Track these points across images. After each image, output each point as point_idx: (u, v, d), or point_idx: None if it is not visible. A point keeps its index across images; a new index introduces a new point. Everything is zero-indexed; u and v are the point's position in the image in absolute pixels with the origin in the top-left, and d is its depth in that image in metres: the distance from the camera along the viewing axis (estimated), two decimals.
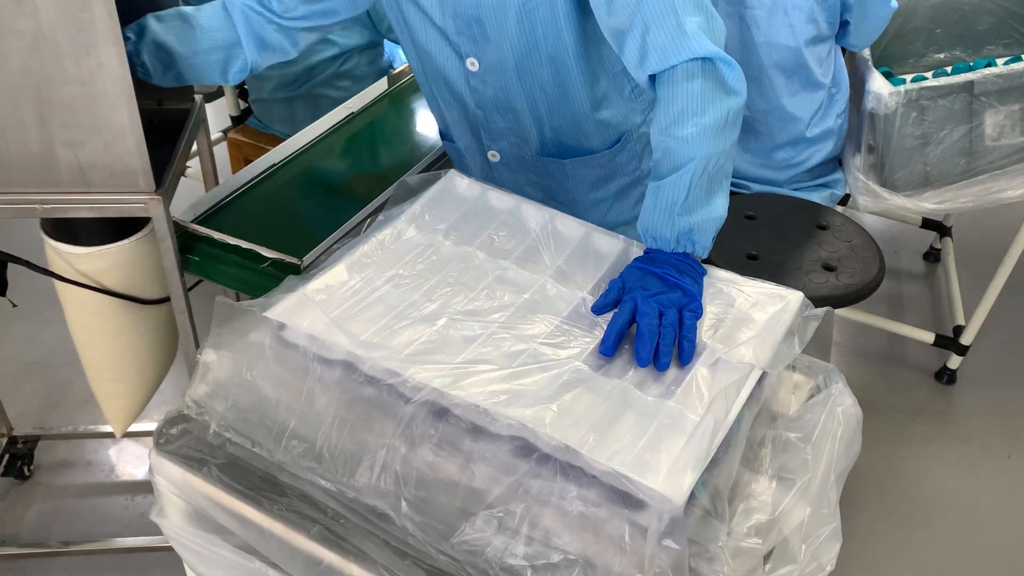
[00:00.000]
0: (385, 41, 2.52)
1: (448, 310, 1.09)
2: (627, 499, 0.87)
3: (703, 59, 1.15)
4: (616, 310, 1.08)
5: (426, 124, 1.99)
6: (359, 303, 1.10)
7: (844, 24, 2.15)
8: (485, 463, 0.92)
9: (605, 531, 0.87)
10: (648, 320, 1.05)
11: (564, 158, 1.53)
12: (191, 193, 1.74)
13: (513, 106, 1.46)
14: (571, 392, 0.98)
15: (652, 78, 1.21)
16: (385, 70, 2.39)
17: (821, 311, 1.10)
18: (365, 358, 1.00)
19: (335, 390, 0.99)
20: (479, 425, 0.93)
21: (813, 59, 2.17)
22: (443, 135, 1.66)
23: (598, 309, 1.11)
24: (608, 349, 1.04)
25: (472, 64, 1.40)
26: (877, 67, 2.23)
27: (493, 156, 1.56)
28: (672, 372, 1.03)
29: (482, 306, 1.11)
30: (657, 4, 1.16)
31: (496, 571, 0.88)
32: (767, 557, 0.94)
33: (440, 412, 0.95)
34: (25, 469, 2.22)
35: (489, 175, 1.60)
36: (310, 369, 1.01)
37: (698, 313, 1.08)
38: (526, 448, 0.91)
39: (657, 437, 0.93)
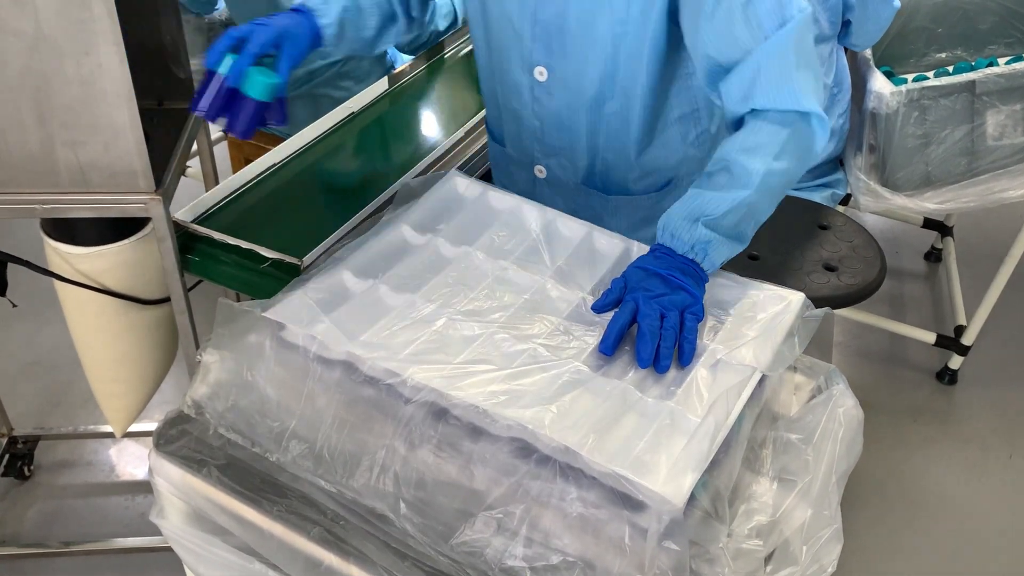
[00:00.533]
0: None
1: (448, 310, 1.09)
2: (627, 500, 0.87)
3: (802, 113, 1.17)
4: (617, 309, 1.08)
5: (427, 124, 1.99)
6: (359, 303, 1.10)
7: (846, 24, 2.14)
8: (485, 464, 0.91)
9: (605, 532, 0.87)
10: (650, 321, 1.05)
11: (609, 193, 1.48)
12: (191, 193, 1.74)
13: (572, 126, 1.40)
14: (571, 393, 0.98)
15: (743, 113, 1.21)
16: (387, 70, 2.39)
17: (821, 312, 1.09)
18: (365, 358, 1.00)
19: (335, 391, 0.99)
20: (479, 426, 0.93)
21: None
22: (493, 136, 1.61)
23: (599, 308, 1.10)
24: (608, 348, 1.04)
25: (540, 73, 1.35)
26: (878, 67, 2.23)
27: (540, 172, 1.50)
28: (672, 373, 1.03)
29: (482, 306, 1.11)
30: (775, 48, 1.15)
31: (496, 572, 0.88)
32: (768, 559, 0.94)
33: (439, 413, 0.94)
34: (25, 469, 2.22)
35: (532, 191, 1.53)
36: (310, 370, 1.01)
37: (699, 316, 1.08)
38: (526, 449, 0.91)
39: (657, 438, 0.93)
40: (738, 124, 1.24)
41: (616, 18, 1.25)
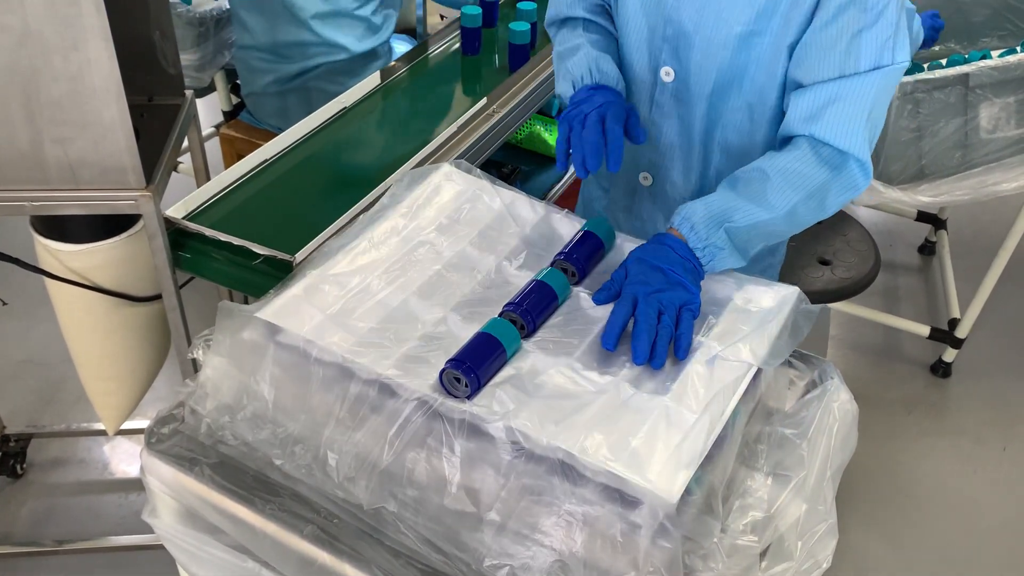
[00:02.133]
0: (389, 42, 2.50)
1: (441, 307, 1.08)
2: (621, 497, 0.86)
3: (854, 158, 1.18)
4: (616, 303, 1.07)
5: (419, 120, 1.98)
6: (352, 301, 1.09)
7: None
8: (479, 462, 0.91)
9: (599, 529, 0.87)
10: (647, 317, 1.04)
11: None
12: (183, 189, 1.73)
13: (690, 131, 1.35)
14: (565, 390, 0.97)
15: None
16: (380, 66, 2.37)
17: (817, 308, 1.09)
18: (358, 359, 0.99)
19: (328, 390, 0.99)
20: (473, 424, 0.92)
21: None
22: None
23: (600, 300, 1.10)
24: (610, 343, 1.03)
25: (667, 74, 1.31)
26: None
27: (645, 179, 1.44)
28: (667, 368, 1.03)
29: (475, 303, 1.10)
30: (861, 86, 1.16)
31: (490, 570, 0.88)
32: (763, 554, 0.94)
33: (433, 412, 0.94)
34: (18, 467, 2.21)
35: (631, 207, 1.49)
36: (302, 369, 1.00)
37: (696, 313, 1.08)
38: (520, 447, 0.91)
39: (651, 434, 0.93)
40: (787, 140, 1.24)
41: (752, 30, 1.21)
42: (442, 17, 3.11)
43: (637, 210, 1.49)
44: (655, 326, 1.04)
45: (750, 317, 1.09)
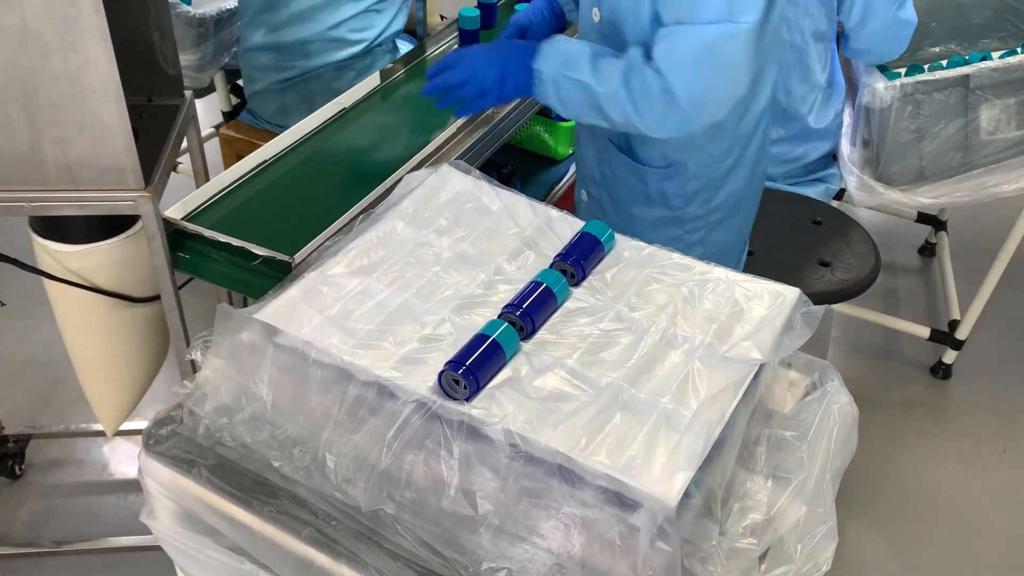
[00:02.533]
0: (393, 40, 2.49)
1: (440, 308, 1.08)
2: (619, 500, 0.86)
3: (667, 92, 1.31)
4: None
5: (419, 120, 1.98)
6: (351, 302, 1.09)
7: (847, 34, 2.12)
8: (477, 465, 0.91)
9: (598, 532, 0.86)
10: (454, 73, 1.40)
11: (624, 152, 1.54)
12: (182, 189, 1.73)
13: None
14: (563, 392, 0.97)
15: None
16: (382, 66, 2.37)
17: (820, 309, 1.09)
18: (357, 361, 0.99)
19: (326, 392, 0.98)
20: (472, 427, 0.92)
21: (814, 55, 2.16)
22: None
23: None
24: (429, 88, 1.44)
25: (595, 15, 1.45)
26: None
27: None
28: (665, 369, 1.02)
29: (474, 304, 1.10)
30: (691, 35, 1.28)
31: (488, 573, 0.88)
32: (762, 557, 0.93)
33: (432, 415, 0.94)
34: (16, 468, 2.21)
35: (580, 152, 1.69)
36: (301, 371, 1.00)
37: (485, 104, 1.41)
38: (518, 450, 0.90)
39: (650, 436, 0.92)
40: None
41: None
42: (442, 17, 3.11)
43: (608, 173, 1.61)
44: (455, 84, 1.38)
45: (750, 318, 1.09)
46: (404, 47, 2.59)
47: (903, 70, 2.19)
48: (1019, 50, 2.15)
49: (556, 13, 1.64)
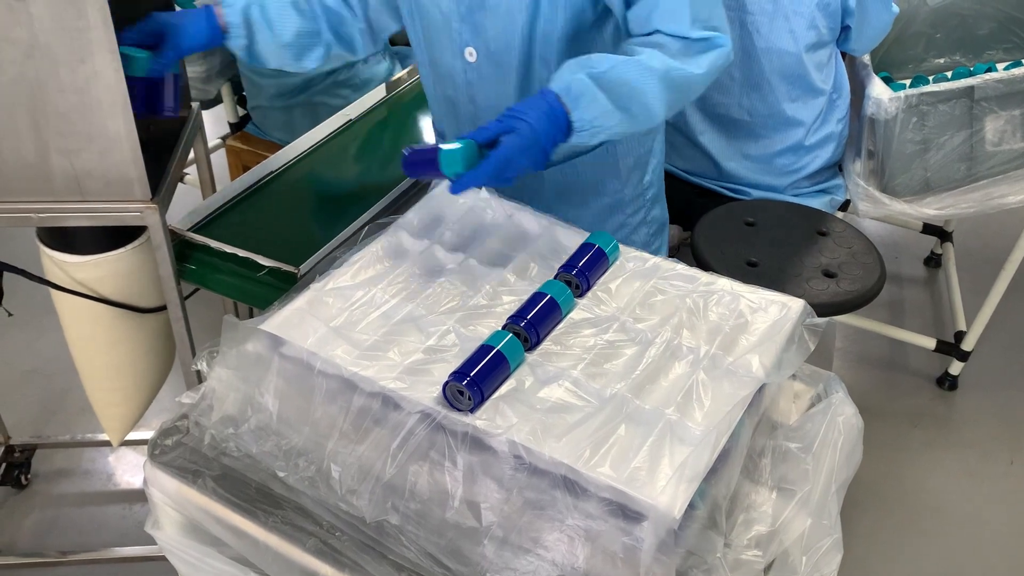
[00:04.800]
0: (387, 50, 2.51)
1: (445, 319, 1.08)
2: (623, 512, 0.86)
3: (695, 40, 1.23)
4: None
5: (424, 131, 1.98)
6: (356, 313, 1.09)
7: (845, 29, 2.14)
8: (481, 476, 0.91)
9: (601, 544, 0.86)
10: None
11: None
12: (189, 200, 1.73)
13: (502, 105, 1.39)
14: (568, 403, 0.97)
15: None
16: (384, 78, 2.38)
17: (823, 321, 1.09)
18: (361, 372, 0.99)
19: (331, 402, 0.99)
20: (476, 438, 0.92)
21: (813, 65, 2.16)
22: (439, 136, 1.64)
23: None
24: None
25: (470, 54, 1.38)
26: (877, 72, 2.22)
27: None
28: (670, 380, 1.02)
29: (478, 316, 1.10)
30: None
31: None
32: (767, 569, 0.93)
33: (436, 426, 0.94)
34: (22, 478, 2.21)
35: None
36: (306, 381, 1.00)
37: (519, 144, 1.13)
38: (523, 461, 0.90)
39: (654, 448, 0.92)
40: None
41: None
42: None
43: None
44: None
45: (755, 329, 1.09)
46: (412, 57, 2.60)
47: (908, 81, 2.19)
48: None
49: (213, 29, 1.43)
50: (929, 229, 3.04)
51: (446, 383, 0.95)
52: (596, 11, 1.34)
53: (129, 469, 2.31)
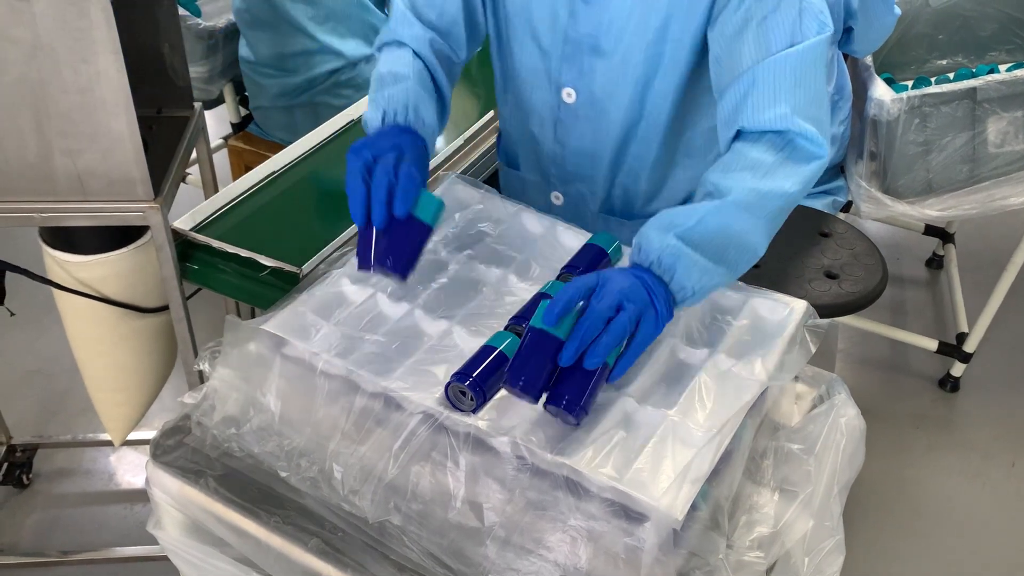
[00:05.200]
0: None
1: (447, 320, 1.08)
2: (626, 513, 0.86)
3: (793, 134, 1.09)
4: (577, 279, 0.98)
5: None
6: (359, 313, 1.09)
7: (848, 31, 2.14)
8: (484, 477, 0.91)
9: (604, 545, 0.86)
10: (602, 305, 0.92)
11: (628, 219, 1.40)
12: (191, 200, 1.73)
13: (597, 152, 1.33)
14: None
15: (736, 136, 1.13)
16: None
17: (826, 323, 1.08)
18: (363, 372, 0.99)
19: (333, 403, 0.99)
20: (478, 439, 0.92)
21: None
22: (507, 160, 1.52)
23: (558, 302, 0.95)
24: (551, 318, 0.92)
25: (568, 95, 1.28)
26: (879, 74, 2.22)
27: (556, 199, 1.43)
28: (672, 381, 1.02)
29: (480, 316, 1.10)
30: (774, 67, 1.09)
31: None
32: (769, 570, 0.93)
33: (439, 426, 0.94)
34: (24, 478, 2.21)
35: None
36: (308, 381, 1.00)
37: (655, 331, 0.96)
38: (525, 462, 0.90)
39: (657, 449, 0.92)
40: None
41: (651, 38, 1.19)
42: None
43: None
44: (606, 319, 0.92)
45: (758, 330, 1.09)
46: None
47: (910, 83, 2.19)
48: None
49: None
50: (931, 230, 3.04)
51: (448, 384, 0.95)
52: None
53: (130, 469, 2.32)
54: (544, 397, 0.94)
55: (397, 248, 1.02)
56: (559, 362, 0.92)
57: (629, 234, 1.26)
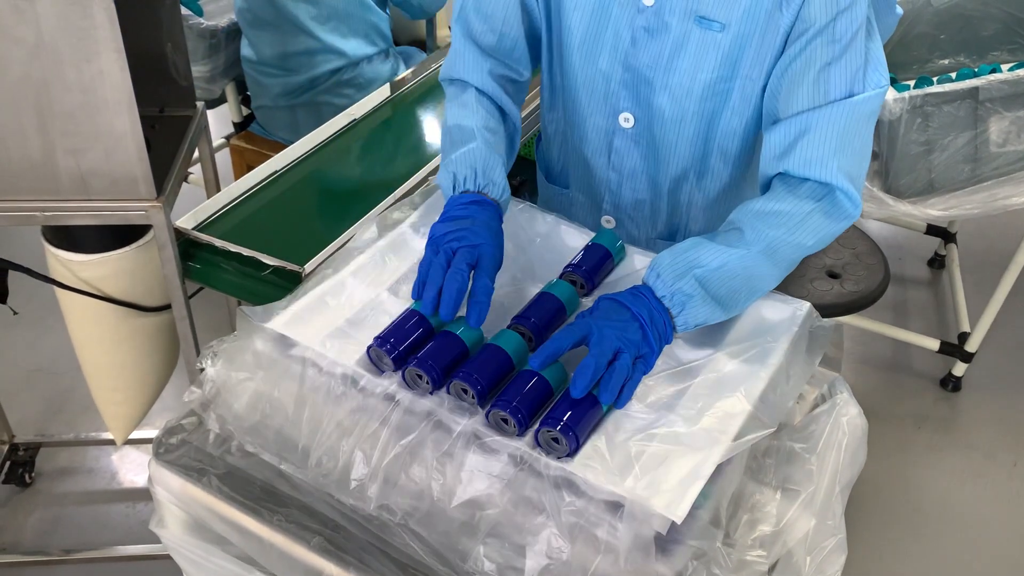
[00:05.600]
0: (393, 49, 2.51)
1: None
2: (625, 513, 0.86)
3: (835, 188, 1.10)
4: (568, 324, 1.00)
5: (429, 131, 1.99)
6: (361, 312, 1.10)
7: None
8: (483, 475, 0.91)
9: (603, 545, 0.86)
10: (601, 350, 0.95)
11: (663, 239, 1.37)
12: (193, 200, 1.74)
13: (656, 180, 1.30)
14: None
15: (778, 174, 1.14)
16: (388, 78, 2.39)
17: (830, 324, 1.08)
18: (366, 370, 0.99)
19: (336, 401, 0.99)
20: (479, 437, 0.92)
21: None
22: (549, 176, 1.47)
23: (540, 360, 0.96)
24: (536, 362, 0.95)
25: (626, 120, 1.25)
26: None
27: (607, 222, 1.38)
28: (674, 382, 1.02)
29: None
30: (832, 115, 1.09)
31: None
32: (771, 569, 0.93)
33: (440, 424, 0.94)
34: (26, 476, 2.22)
35: None
36: (311, 380, 1.00)
37: (648, 367, 0.99)
38: (525, 461, 0.90)
39: (658, 451, 0.92)
40: (767, 187, 1.17)
41: (716, 76, 1.16)
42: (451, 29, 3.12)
43: None
44: (606, 364, 0.95)
45: (760, 331, 1.09)
46: (417, 57, 2.60)
47: (912, 82, 2.19)
48: None
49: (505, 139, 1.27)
50: (933, 230, 3.04)
51: (451, 382, 0.95)
52: None
53: (133, 468, 2.32)
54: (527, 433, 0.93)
55: (439, 357, 0.98)
56: (572, 395, 0.93)
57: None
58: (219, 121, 3.31)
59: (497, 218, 1.14)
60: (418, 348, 1.00)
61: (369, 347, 1.00)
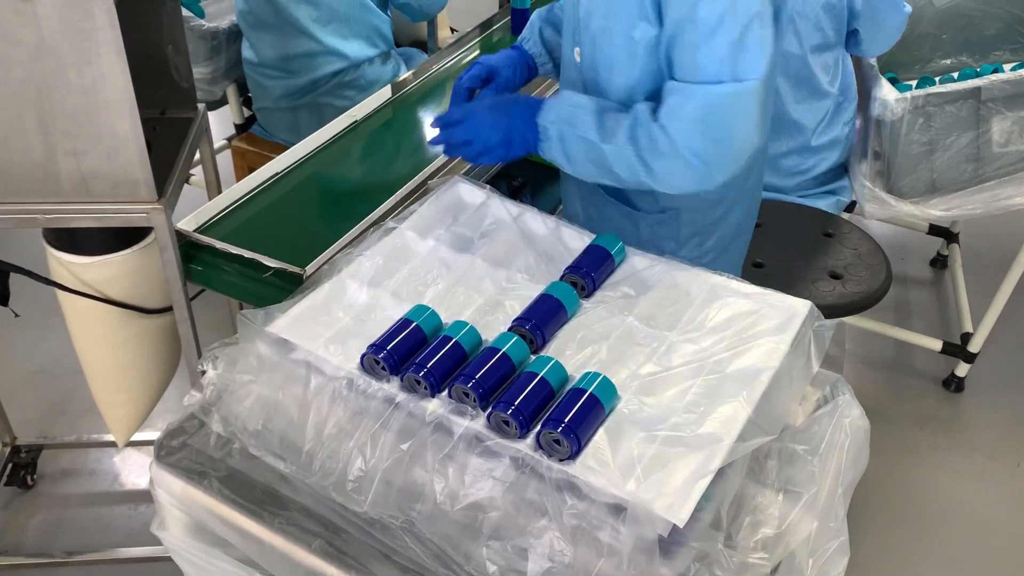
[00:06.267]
0: (394, 51, 2.51)
1: (451, 321, 1.08)
2: (627, 515, 0.85)
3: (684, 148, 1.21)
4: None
5: (430, 133, 1.98)
6: (362, 315, 1.09)
7: (854, 32, 2.13)
8: (486, 478, 0.91)
9: (605, 547, 0.86)
10: (456, 139, 1.31)
11: (615, 198, 1.48)
12: (195, 202, 1.74)
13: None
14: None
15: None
16: (390, 79, 2.39)
17: (832, 324, 1.08)
18: (367, 375, 0.99)
19: (337, 404, 0.99)
20: (481, 440, 0.92)
21: (819, 67, 2.16)
22: None
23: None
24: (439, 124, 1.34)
25: (577, 54, 1.40)
26: (883, 73, 2.22)
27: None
28: (676, 383, 1.02)
29: (484, 317, 1.10)
30: (697, 94, 1.19)
31: None
32: (774, 571, 0.93)
33: (442, 427, 0.94)
34: (28, 478, 2.22)
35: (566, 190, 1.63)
36: (311, 383, 1.00)
37: (492, 161, 1.30)
38: (527, 464, 0.90)
39: (660, 453, 0.92)
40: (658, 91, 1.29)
41: (622, 28, 1.28)
42: (452, 31, 3.12)
43: (567, 187, 1.61)
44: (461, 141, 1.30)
45: (762, 331, 1.08)
46: (418, 59, 2.60)
47: (914, 82, 2.19)
48: None
49: (528, 65, 1.56)
50: (935, 230, 3.04)
51: (451, 385, 0.95)
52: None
53: (134, 470, 2.32)
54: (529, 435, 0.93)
55: (442, 367, 0.99)
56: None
57: (615, 214, 1.50)
58: (220, 123, 3.31)
59: (521, 51, 1.53)
60: (412, 355, 0.99)
61: (363, 355, 1.00)
